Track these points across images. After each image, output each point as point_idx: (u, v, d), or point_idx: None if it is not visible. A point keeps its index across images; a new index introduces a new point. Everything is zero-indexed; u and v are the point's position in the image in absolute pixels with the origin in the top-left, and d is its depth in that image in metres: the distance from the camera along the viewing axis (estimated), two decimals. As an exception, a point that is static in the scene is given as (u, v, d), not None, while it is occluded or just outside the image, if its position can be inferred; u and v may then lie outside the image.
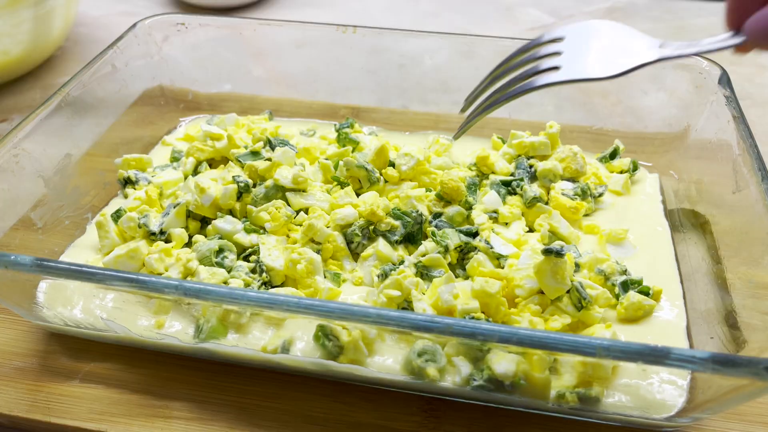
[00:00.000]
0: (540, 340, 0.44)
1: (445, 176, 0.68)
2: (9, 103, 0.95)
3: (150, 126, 0.84)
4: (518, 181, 0.70)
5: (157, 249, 0.62)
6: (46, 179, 0.68)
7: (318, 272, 0.61)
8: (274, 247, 0.63)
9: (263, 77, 0.90)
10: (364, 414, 0.55)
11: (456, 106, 0.86)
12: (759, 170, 0.59)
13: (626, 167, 0.75)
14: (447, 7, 1.24)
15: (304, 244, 0.64)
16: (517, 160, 0.74)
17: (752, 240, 0.58)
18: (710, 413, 0.50)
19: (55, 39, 1.00)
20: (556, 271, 0.56)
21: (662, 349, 0.43)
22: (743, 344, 0.54)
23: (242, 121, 0.82)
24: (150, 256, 0.62)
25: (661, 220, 0.70)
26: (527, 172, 0.72)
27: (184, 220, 0.67)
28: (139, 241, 0.64)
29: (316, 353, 0.54)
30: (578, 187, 0.71)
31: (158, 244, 0.63)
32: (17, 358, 0.60)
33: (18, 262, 0.50)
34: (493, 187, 0.70)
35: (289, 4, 1.25)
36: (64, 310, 0.58)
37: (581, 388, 0.51)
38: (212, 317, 0.55)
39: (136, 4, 1.25)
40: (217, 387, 0.57)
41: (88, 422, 0.55)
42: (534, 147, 0.74)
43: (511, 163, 0.74)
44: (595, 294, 0.59)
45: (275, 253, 0.63)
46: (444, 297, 0.57)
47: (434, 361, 0.52)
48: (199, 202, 0.66)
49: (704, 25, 1.15)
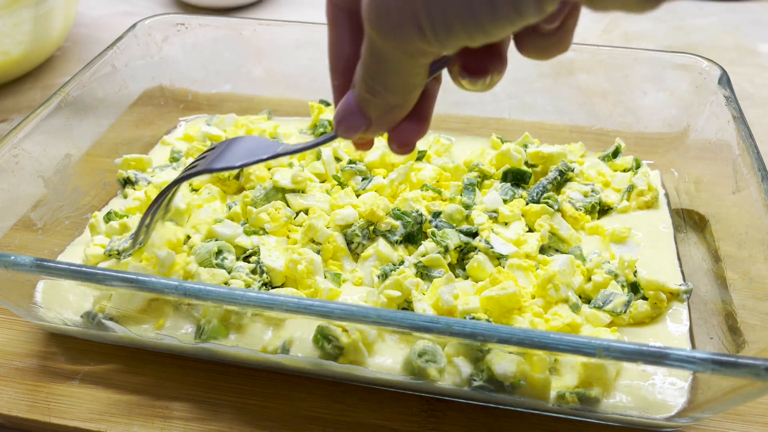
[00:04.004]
0: (540, 340, 0.44)
1: None
2: (9, 103, 0.95)
3: (150, 126, 0.84)
4: (550, 182, 0.70)
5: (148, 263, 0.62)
6: (46, 179, 0.68)
7: (318, 273, 0.61)
8: (275, 248, 0.63)
9: (263, 77, 0.90)
10: (364, 414, 0.55)
11: (456, 106, 0.86)
12: (759, 170, 0.59)
13: (629, 165, 0.75)
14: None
15: (304, 245, 0.64)
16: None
17: (752, 240, 0.58)
18: (710, 413, 0.50)
19: (55, 39, 1.00)
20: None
21: (662, 350, 0.43)
22: (743, 344, 0.54)
23: (241, 121, 0.82)
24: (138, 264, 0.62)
25: (666, 218, 0.70)
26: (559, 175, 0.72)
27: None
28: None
29: (316, 353, 0.54)
30: (589, 202, 0.70)
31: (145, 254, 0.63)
32: (17, 358, 0.60)
33: (18, 263, 0.50)
34: (505, 177, 0.71)
35: (289, 4, 1.25)
36: (63, 309, 0.58)
37: (581, 389, 0.51)
38: (213, 318, 0.55)
39: (136, 4, 1.25)
40: (217, 387, 0.57)
41: (88, 422, 0.55)
42: (552, 158, 0.73)
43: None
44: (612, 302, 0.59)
45: (275, 253, 0.63)
46: (444, 297, 0.57)
47: (434, 361, 0.52)
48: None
49: (704, 25, 1.15)
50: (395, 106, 0.41)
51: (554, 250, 0.66)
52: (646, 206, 0.71)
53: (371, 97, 0.41)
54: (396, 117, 0.42)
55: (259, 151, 0.52)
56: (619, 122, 0.82)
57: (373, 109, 0.42)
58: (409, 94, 0.41)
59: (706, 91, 0.73)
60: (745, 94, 0.96)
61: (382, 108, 0.41)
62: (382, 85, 0.40)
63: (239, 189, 0.74)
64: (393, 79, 0.39)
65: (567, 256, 0.61)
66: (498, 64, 0.39)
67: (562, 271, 0.59)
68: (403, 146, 0.45)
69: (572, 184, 0.72)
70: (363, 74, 0.40)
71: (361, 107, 0.42)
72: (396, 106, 0.41)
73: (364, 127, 0.43)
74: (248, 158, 0.52)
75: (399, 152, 0.46)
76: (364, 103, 0.41)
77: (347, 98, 0.43)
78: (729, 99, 0.68)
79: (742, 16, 1.19)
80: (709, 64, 0.73)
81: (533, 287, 0.59)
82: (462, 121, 0.84)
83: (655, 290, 0.59)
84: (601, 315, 0.58)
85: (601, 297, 0.60)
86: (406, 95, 0.41)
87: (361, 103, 0.42)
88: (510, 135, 0.79)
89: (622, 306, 0.59)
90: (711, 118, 0.71)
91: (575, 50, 0.80)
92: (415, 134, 0.45)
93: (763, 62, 1.05)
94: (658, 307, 0.59)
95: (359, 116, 0.42)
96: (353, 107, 0.42)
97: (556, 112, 0.83)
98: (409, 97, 0.41)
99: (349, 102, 0.42)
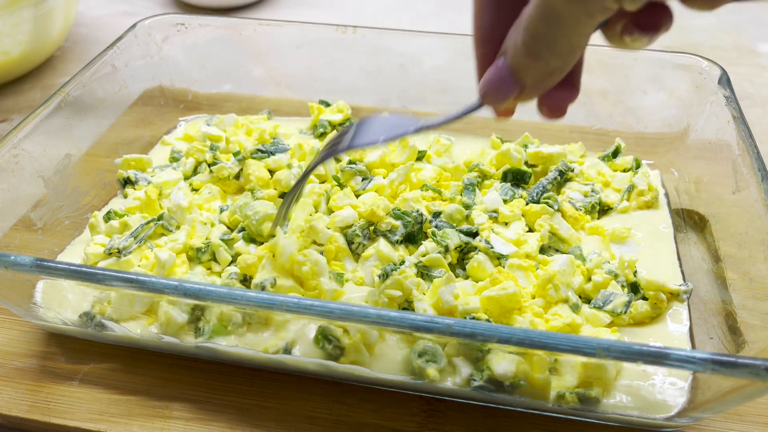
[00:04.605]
0: (540, 340, 0.44)
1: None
2: (9, 103, 0.95)
3: (150, 126, 0.84)
4: (550, 182, 0.70)
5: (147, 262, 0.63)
6: (46, 179, 0.68)
7: (323, 274, 0.61)
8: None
9: (263, 77, 0.90)
10: (365, 414, 0.55)
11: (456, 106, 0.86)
12: (759, 170, 0.59)
13: (629, 165, 0.75)
14: (447, 7, 1.24)
15: (306, 246, 0.64)
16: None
17: (752, 240, 0.58)
18: (710, 413, 0.50)
19: (55, 39, 1.00)
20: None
21: (662, 350, 0.43)
22: (743, 344, 0.54)
23: (241, 121, 0.82)
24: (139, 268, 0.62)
25: (666, 218, 0.70)
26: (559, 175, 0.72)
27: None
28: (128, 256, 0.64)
29: (316, 354, 0.54)
30: (589, 202, 0.70)
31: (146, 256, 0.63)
32: (17, 358, 0.60)
33: (18, 263, 0.50)
34: (505, 177, 0.71)
35: (289, 4, 1.25)
36: (62, 309, 0.58)
37: (581, 389, 0.51)
38: (212, 317, 0.55)
39: (136, 4, 1.25)
40: (217, 387, 0.57)
41: (88, 422, 0.55)
42: (552, 158, 0.73)
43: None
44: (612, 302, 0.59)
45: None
46: (445, 297, 0.57)
47: (435, 361, 0.52)
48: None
49: (704, 25, 1.15)
50: (555, 70, 0.41)
51: (554, 250, 0.66)
52: (646, 206, 0.71)
53: (531, 62, 0.41)
54: (553, 82, 0.42)
55: (399, 127, 0.51)
56: (619, 122, 0.82)
57: (530, 75, 0.42)
58: (572, 56, 0.41)
59: (706, 91, 0.73)
60: (745, 94, 0.96)
61: (541, 73, 0.41)
62: (547, 49, 0.40)
63: (239, 189, 0.74)
64: (561, 42, 0.39)
65: (567, 256, 0.61)
66: (668, 18, 0.39)
67: (562, 271, 0.59)
68: (556, 111, 0.45)
69: (572, 184, 0.72)
70: (526, 38, 0.40)
71: (515, 73, 0.42)
72: (556, 70, 0.41)
73: (515, 93, 0.43)
74: (390, 132, 0.51)
75: (551, 117, 0.46)
76: (520, 69, 0.42)
77: (496, 66, 0.43)
78: (729, 99, 0.68)
79: (742, 16, 1.19)
80: (709, 64, 0.73)
81: (533, 287, 0.59)
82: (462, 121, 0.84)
83: (655, 290, 0.59)
84: (602, 315, 0.58)
85: (601, 297, 0.60)
86: (569, 58, 0.41)
87: (516, 69, 0.42)
88: (510, 135, 0.79)
89: (623, 306, 0.59)
90: (711, 118, 0.71)
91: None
92: (567, 100, 0.45)
93: (763, 62, 1.05)
94: (658, 307, 0.59)
95: (512, 83, 0.42)
96: (504, 74, 0.42)
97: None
98: (571, 60, 0.41)
99: (500, 69, 0.42)
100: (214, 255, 0.64)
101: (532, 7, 0.39)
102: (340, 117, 0.82)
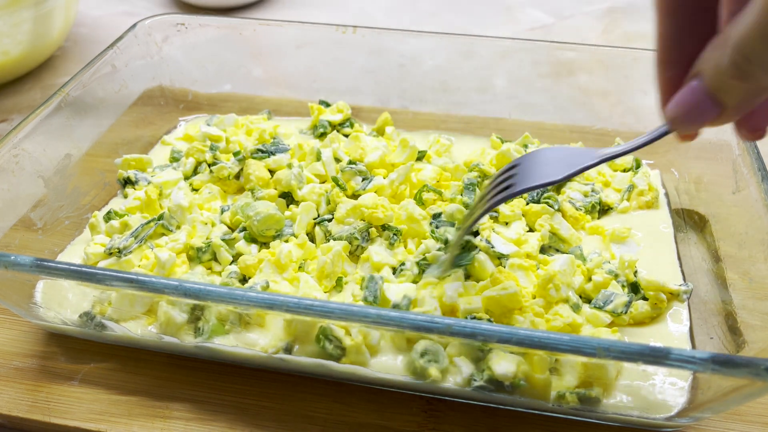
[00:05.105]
0: (540, 340, 0.44)
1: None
2: (9, 103, 0.95)
3: (150, 126, 0.84)
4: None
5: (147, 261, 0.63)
6: (46, 179, 0.68)
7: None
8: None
9: (263, 77, 0.90)
10: (365, 414, 0.55)
11: (456, 106, 0.86)
12: (759, 170, 0.59)
13: (629, 165, 0.75)
14: (447, 7, 1.24)
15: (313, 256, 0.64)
16: None
17: (752, 240, 0.58)
18: (710, 413, 0.50)
19: (55, 39, 1.00)
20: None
21: (662, 350, 0.43)
22: (743, 344, 0.54)
23: (241, 121, 0.82)
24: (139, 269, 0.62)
25: (666, 218, 0.70)
26: None
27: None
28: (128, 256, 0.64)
29: (317, 354, 0.54)
30: (589, 202, 0.70)
31: (147, 255, 0.63)
32: (17, 358, 0.60)
33: (18, 262, 0.50)
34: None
35: (289, 4, 1.25)
36: (62, 309, 0.58)
37: (581, 389, 0.51)
38: (212, 317, 0.55)
39: (136, 4, 1.25)
40: (217, 387, 0.57)
41: (88, 422, 0.55)
42: None
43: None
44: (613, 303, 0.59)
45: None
46: (448, 293, 0.57)
47: (436, 361, 0.52)
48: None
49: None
50: (766, 89, 0.39)
51: (555, 250, 0.66)
52: (646, 206, 0.71)
53: (738, 83, 0.39)
54: (758, 101, 0.40)
55: (577, 160, 0.49)
56: (619, 122, 0.82)
57: (734, 96, 0.39)
58: None
59: (706, 91, 0.73)
60: (745, 94, 0.96)
61: (747, 93, 0.39)
62: (762, 68, 0.37)
63: (239, 189, 0.74)
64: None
65: (567, 256, 0.61)
66: None
67: (563, 271, 0.59)
68: (756, 131, 0.43)
69: (572, 184, 0.72)
70: (736, 58, 0.37)
71: (715, 95, 0.40)
72: (766, 90, 0.39)
73: (714, 116, 0.41)
74: (569, 169, 0.49)
75: (751, 138, 0.44)
76: (722, 91, 0.39)
77: (692, 89, 0.41)
78: (729, 99, 0.68)
79: (742, 16, 1.19)
80: (709, 64, 0.73)
81: (534, 287, 0.59)
82: (462, 121, 0.84)
83: (656, 290, 0.59)
84: (602, 315, 0.58)
85: (601, 297, 0.60)
86: None
87: (717, 90, 0.40)
88: (510, 135, 0.79)
89: (623, 306, 0.59)
90: (711, 118, 0.71)
91: (575, 50, 0.80)
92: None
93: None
94: (659, 307, 0.59)
95: (711, 106, 0.40)
96: (701, 97, 0.40)
97: (556, 112, 0.83)
98: None
99: (695, 91, 0.41)
100: (214, 255, 0.64)
101: (746, 27, 0.36)
102: (340, 117, 0.82)
